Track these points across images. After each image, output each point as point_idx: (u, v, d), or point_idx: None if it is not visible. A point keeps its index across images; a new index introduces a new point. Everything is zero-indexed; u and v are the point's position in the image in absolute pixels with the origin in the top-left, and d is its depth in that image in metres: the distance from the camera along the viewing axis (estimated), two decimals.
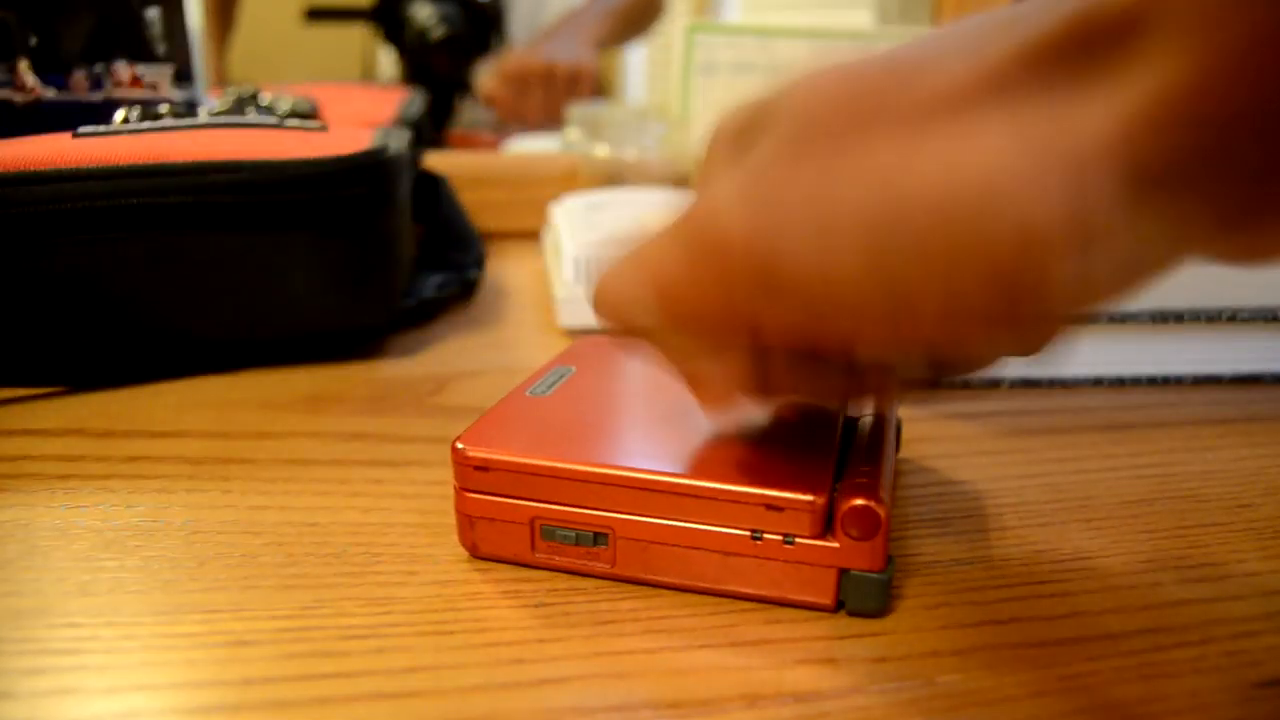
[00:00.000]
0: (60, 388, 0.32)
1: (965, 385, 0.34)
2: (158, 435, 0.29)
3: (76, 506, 0.24)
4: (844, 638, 0.19)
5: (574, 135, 0.65)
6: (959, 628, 0.20)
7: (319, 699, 0.17)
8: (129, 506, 0.24)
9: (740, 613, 0.20)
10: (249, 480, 0.26)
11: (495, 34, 1.04)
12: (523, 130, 0.89)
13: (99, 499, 0.25)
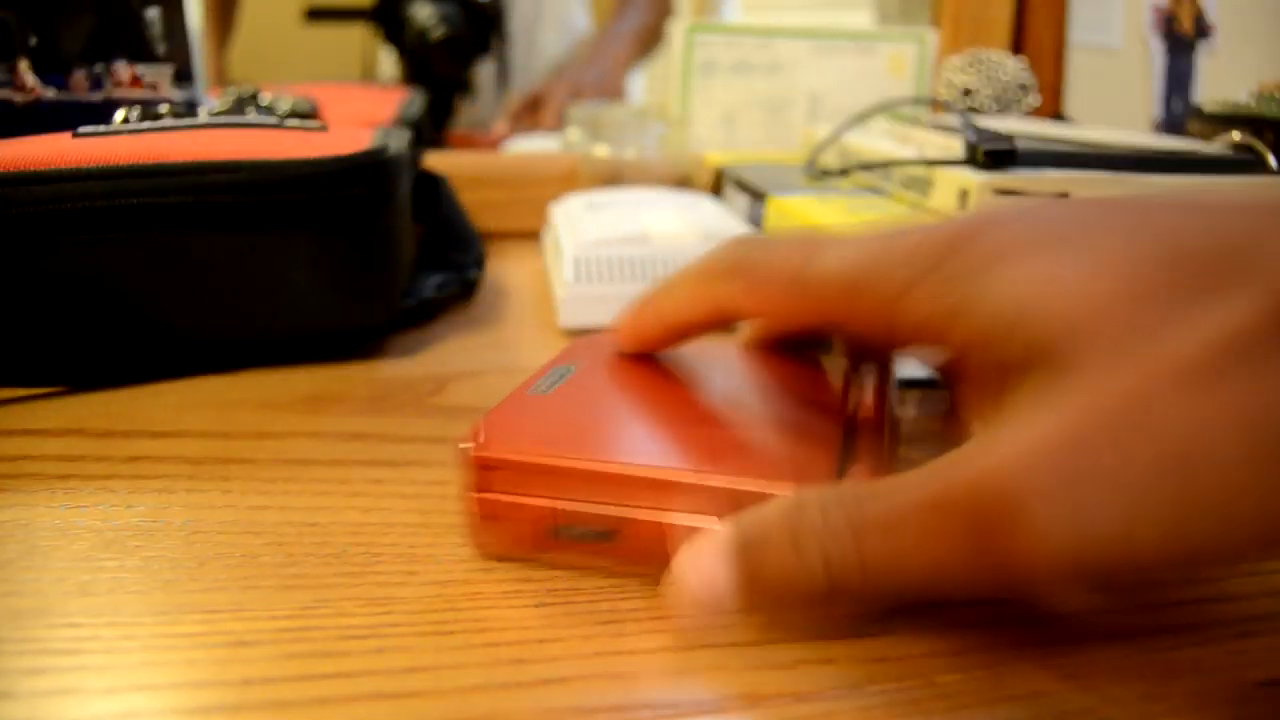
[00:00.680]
0: (60, 388, 0.32)
1: None
2: (158, 435, 0.29)
3: (76, 506, 0.24)
4: (844, 638, 0.19)
5: (574, 135, 0.65)
6: (959, 628, 0.20)
7: (319, 699, 0.17)
8: (129, 506, 0.24)
9: (741, 613, 0.20)
10: (249, 480, 0.26)
11: (495, 34, 1.03)
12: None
13: (99, 499, 0.25)
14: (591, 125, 0.63)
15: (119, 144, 0.32)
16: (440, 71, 0.95)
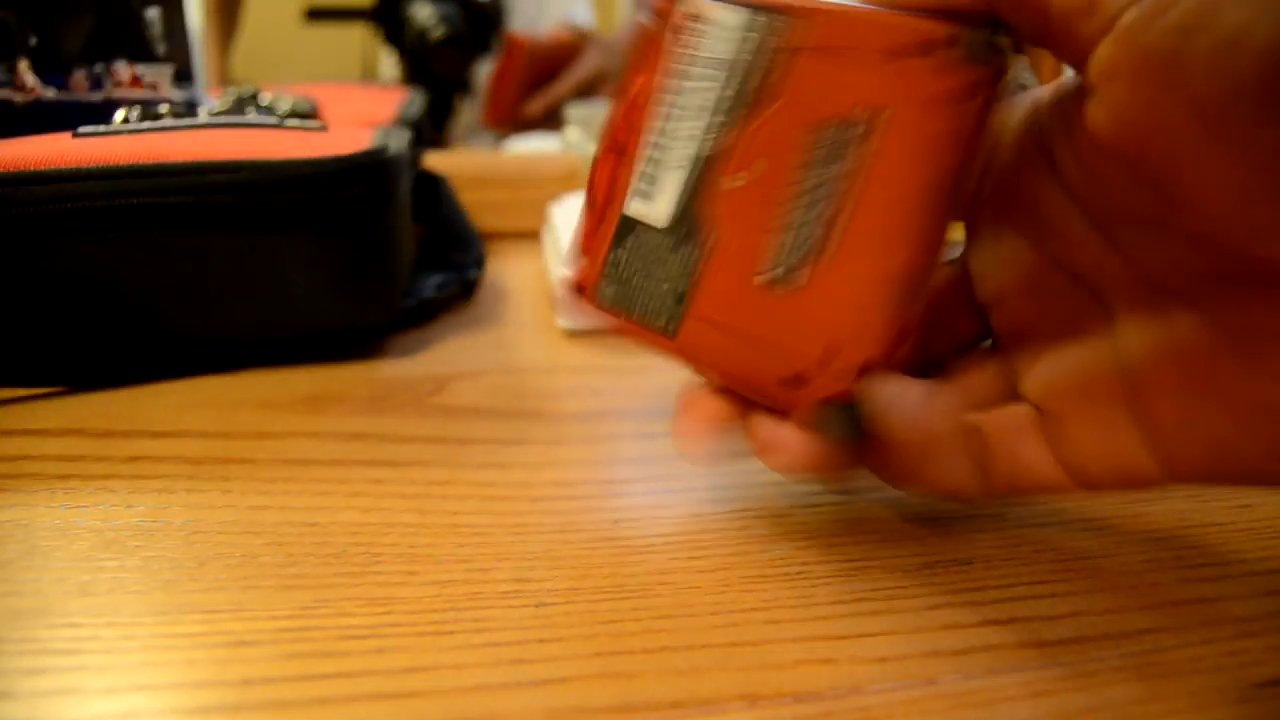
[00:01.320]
0: (60, 388, 0.32)
1: None
2: (158, 435, 0.29)
3: (76, 506, 0.24)
4: (844, 638, 0.19)
5: (574, 135, 0.65)
6: (959, 628, 0.20)
7: (319, 699, 0.17)
8: (129, 506, 0.24)
9: (740, 613, 0.20)
10: (249, 480, 0.26)
11: (495, 34, 1.04)
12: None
13: (99, 499, 0.25)
14: (591, 125, 0.63)
15: (119, 144, 0.32)
16: (440, 71, 0.95)
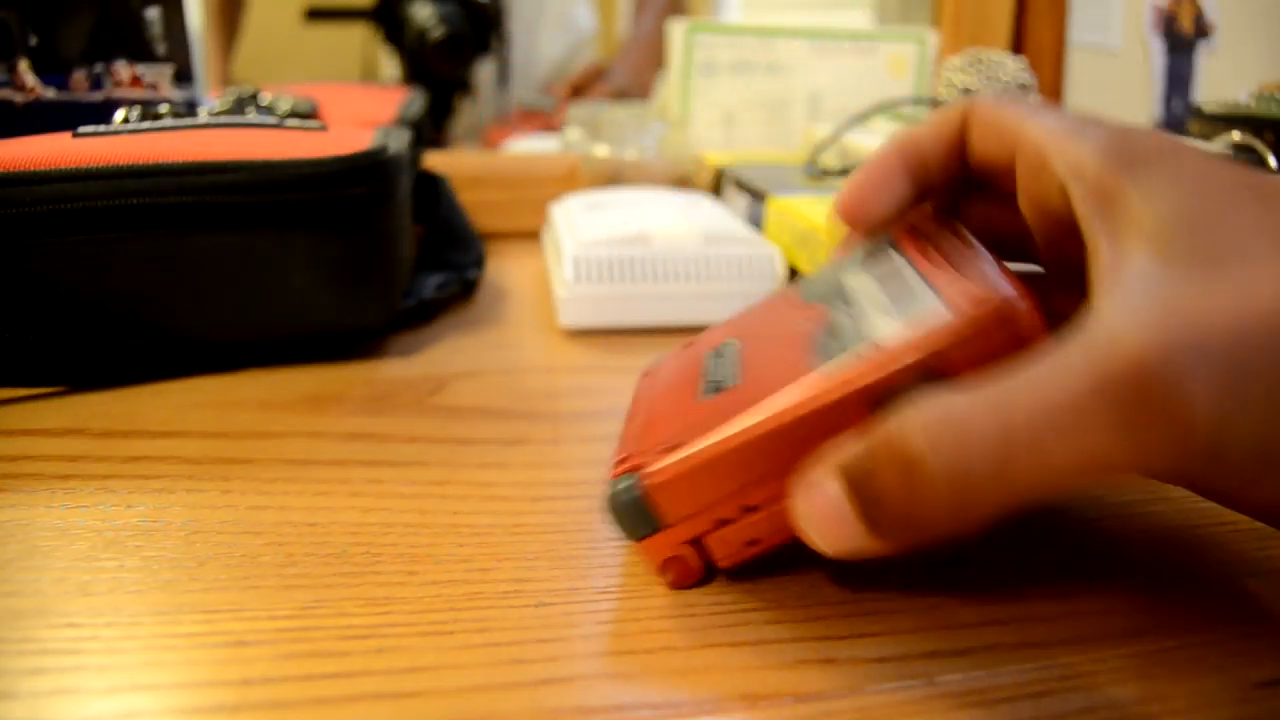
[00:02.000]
0: (60, 388, 0.32)
1: None
2: (158, 435, 0.29)
3: (76, 506, 0.24)
4: (844, 638, 0.19)
5: (574, 135, 0.65)
6: (959, 628, 0.20)
7: (319, 699, 0.17)
8: (129, 506, 0.24)
9: (741, 613, 0.20)
10: (249, 480, 0.26)
11: (495, 34, 1.04)
12: None
13: (99, 499, 0.25)
14: (591, 125, 0.63)
15: (119, 144, 0.32)
16: (440, 71, 0.95)
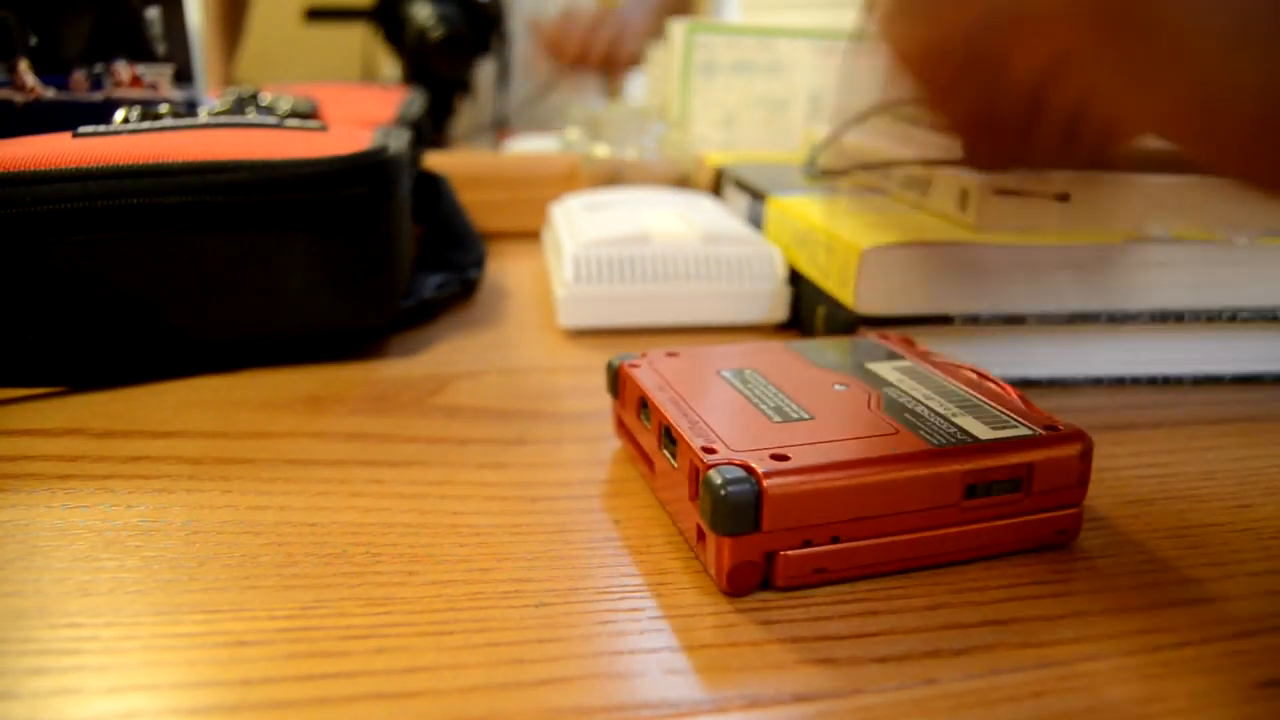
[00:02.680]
0: (60, 388, 0.32)
1: None
2: (158, 435, 0.29)
3: (76, 506, 0.24)
4: (844, 638, 0.19)
5: (574, 135, 0.65)
6: (959, 628, 0.20)
7: (319, 699, 0.17)
8: (129, 506, 0.24)
9: (741, 613, 0.20)
10: (249, 480, 0.26)
11: (495, 34, 1.04)
12: (566, 79, 0.93)
13: (99, 499, 0.25)
14: (591, 125, 0.63)
15: (119, 144, 0.32)
16: (440, 71, 0.95)
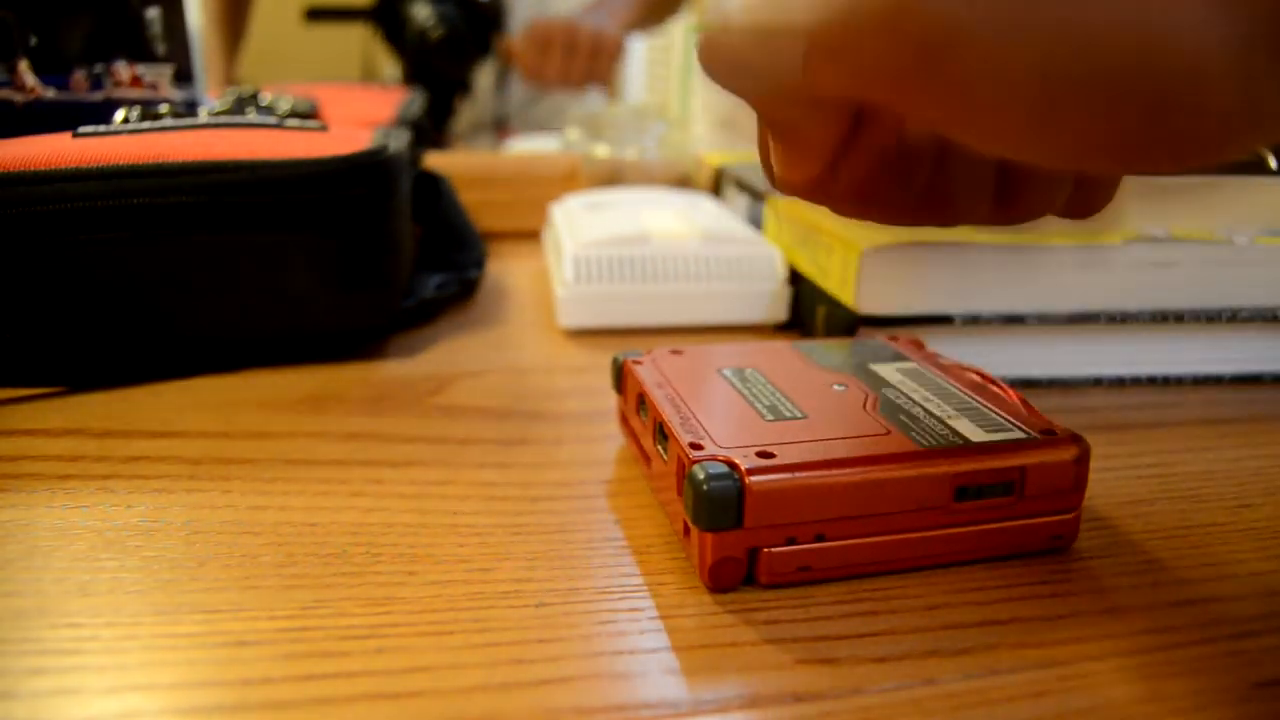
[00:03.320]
0: (60, 388, 0.32)
1: None
2: (158, 435, 0.29)
3: (76, 506, 0.24)
4: (844, 638, 0.19)
5: (574, 135, 0.65)
6: (959, 628, 0.20)
7: (319, 699, 0.17)
8: (129, 506, 0.24)
9: (741, 613, 0.20)
10: (249, 480, 0.26)
11: (495, 34, 1.04)
12: (542, 91, 0.90)
13: (99, 499, 0.25)
14: (591, 125, 0.63)
15: (119, 144, 0.32)
16: (440, 71, 0.95)
